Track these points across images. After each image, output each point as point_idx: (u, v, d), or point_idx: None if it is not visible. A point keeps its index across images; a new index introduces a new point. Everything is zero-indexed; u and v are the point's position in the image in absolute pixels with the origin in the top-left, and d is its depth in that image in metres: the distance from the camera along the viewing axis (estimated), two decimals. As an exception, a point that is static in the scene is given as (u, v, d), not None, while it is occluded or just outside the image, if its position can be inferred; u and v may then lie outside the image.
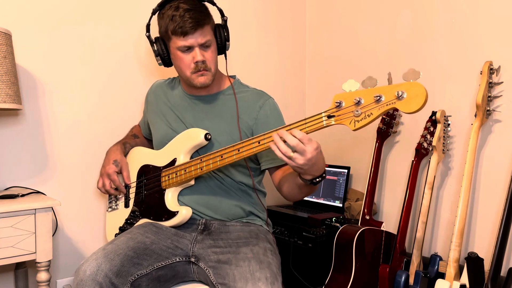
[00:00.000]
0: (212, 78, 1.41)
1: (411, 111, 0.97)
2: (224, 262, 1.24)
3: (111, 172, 1.51)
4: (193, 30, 1.32)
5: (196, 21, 1.31)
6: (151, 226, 1.37)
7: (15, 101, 1.44)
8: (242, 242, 1.32)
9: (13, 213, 1.34)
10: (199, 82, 1.39)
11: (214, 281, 1.22)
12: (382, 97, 1.00)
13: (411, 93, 0.96)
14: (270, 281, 1.15)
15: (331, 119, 1.08)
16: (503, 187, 1.66)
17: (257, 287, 1.13)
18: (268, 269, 1.19)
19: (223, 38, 1.43)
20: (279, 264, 1.29)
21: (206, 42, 1.35)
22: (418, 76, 0.97)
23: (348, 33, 2.25)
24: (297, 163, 1.09)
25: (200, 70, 1.37)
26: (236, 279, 1.16)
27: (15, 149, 1.65)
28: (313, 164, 1.11)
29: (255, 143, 1.19)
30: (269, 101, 1.44)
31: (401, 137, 2.01)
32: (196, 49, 1.35)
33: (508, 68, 1.64)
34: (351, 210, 2.04)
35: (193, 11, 1.32)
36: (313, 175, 1.16)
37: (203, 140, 1.36)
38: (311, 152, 1.08)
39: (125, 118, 1.86)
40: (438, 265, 1.65)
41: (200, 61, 1.36)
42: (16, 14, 1.63)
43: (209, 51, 1.38)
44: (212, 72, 1.39)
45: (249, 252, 1.25)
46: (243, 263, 1.21)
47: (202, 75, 1.38)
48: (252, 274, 1.16)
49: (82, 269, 1.17)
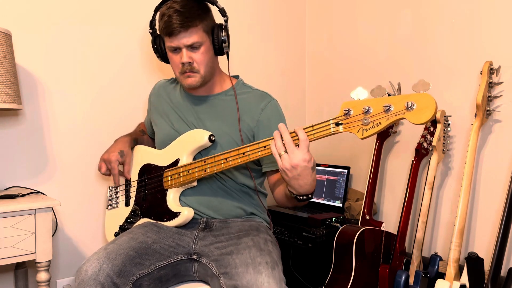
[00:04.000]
0: (201, 80, 1.39)
1: (419, 122, 0.97)
2: (226, 254, 1.25)
3: (113, 159, 1.48)
4: (176, 32, 1.31)
5: (181, 23, 1.29)
6: (152, 226, 1.37)
7: (15, 101, 1.44)
8: (242, 234, 1.33)
9: (13, 213, 1.34)
10: (186, 83, 1.39)
11: (216, 272, 1.22)
12: (392, 107, 1.00)
13: (420, 104, 0.97)
14: (271, 265, 1.16)
15: (339, 126, 1.08)
16: (503, 187, 1.66)
17: (257, 270, 1.13)
18: (269, 255, 1.20)
19: (220, 40, 1.39)
20: (279, 255, 1.30)
21: (193, 43, 1.33)
22: (428, 87, 0.97)
23: (348, 33, 2.25)
24: (283, 164, 1.10)
25: (186, 72, 1.36)
26: (237, 265, 1.17)
27: (15, 149, 1.65)
28: (298, 176, 1.10)
29: (261, 148, 1.18)
30: (272, 103, 1.43)
31: (401, 137, 2.01)
32: (183, 50, 1.34)
33: (508, 68, 1.64)
34: (351, 210, 2.04)
35: (181, 11, 1.30)
36: (297, 190, 1.15)
37: (207, 142, 1.36)
38: (299, 159, 1.08)
39: (125, 118, 1.86)
40: (438, 265, 1.65)
41: (186, 63, 1.35)
42: (16, 14, 1.63)
43: (198, 52, 1.35)
44: (201, 74, 1.37)
45: (249, 241, 1.26)
46: (244, 251, 1.22)
47: (189, 77, 1.37)
48: (252, 260, 1.17)
49: (83, 269, 1.17)
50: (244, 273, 1.14)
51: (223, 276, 1.19)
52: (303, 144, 1.09)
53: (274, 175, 1.41)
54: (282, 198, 1.33)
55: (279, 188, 1.35)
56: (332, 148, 2.31)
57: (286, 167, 1.10)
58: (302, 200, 1.19)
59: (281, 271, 1.19)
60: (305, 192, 1.16)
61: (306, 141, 1.09)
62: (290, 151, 1.09)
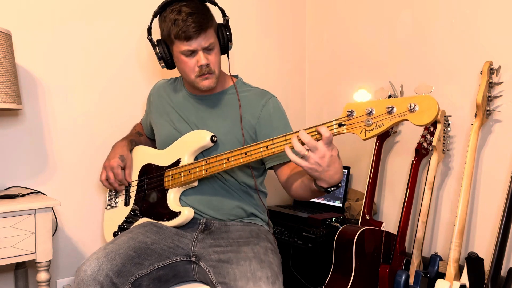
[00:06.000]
0: (216, 81, 1.40)
1: (422, 123, 0.97)
2: (225, 261, 1.24)
3: (115, 165, 1.49)
4: (196, 35, 1.31)
5: (199, 25, 1.30)
6: (152, 226, 1.37)
7: (15, 101, 1.44)
8: (243, 242, 1.32)
9: (13, 213, 1.34)
10: (203, 85, 1.38)
11: (214, 280, 1.22)
12: (394, 109, 1.00)
13: (423, 106, 0.97)
14: (271, 280, 1.15)
15: (342, 127, 1.08)
16: (503, 187, 1.66)
17: (258, 286, 1.13)
18: (269, 268, 1.19)
19: (226, 39, 1.42)
20: (280, 264, 1.29)
21: (210, 45, 1.34)
22: (430, 89, 0.99)
23: (348, 33, 2.25)
24: (309, 163, 1.07)
25: (205, 74, 1.36)
26: (237, 278, 1.16)
27: (15, 149, 1.65)
28: (327, 167, 1.07)
29: (263, 147, 1.18)
30: (272, 99, 1.43)
31: (401, 137, 2.01)
32: (200, 52, 1.33)
33: (508, 68, 1.64)
34: (351, 210, 2.04)
35: (196, 14, 1.30)
36: (328, 182, 1.11)
37: (209, 142, 1.36)
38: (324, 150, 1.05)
39: (125, 118, 1.86)
40: (438, 265, 1.65)
41: (204, 65, 1.35)
42: (16, 14, 1.63)
43: (212, 53, 1.36)
44: (216, 75, 1.38)
45: (250, 252, 1.25)
46: (244, 262, 1.21)
47: (207, 79, 1.37)
48: (253, 274, 1.16)
49: (83, 269, 1.17)
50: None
51: (221, 286, 1.18)
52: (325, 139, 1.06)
53: (283, 169, 1.38)
54: (304, 193, 1.27)
55: (296, 182, 1.30)
56: (332, 148, 2.30)
57: (315, 163, 1.06)
58: (332, 191, 1.16)
59: (281, 285, 1.18)
60: (335, 182, 1.13)
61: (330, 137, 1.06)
62: (312, 146, 1.06)
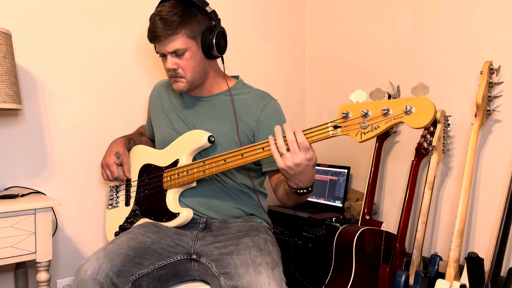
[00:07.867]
0: (188, 85, 1.39)
1: (418, 126, 0.97)
2: (226, 254, 1.25)
3: (111, 163, 1.50)
4: (158, 39, 1.32)
5: (162, 30, 1.29)
6: (152, 226, 1.37)
7: (15, 101, 1.44)
8: (242, 234, 1.33)
9: (13, 213, 1.34)
10: (174, 87, 1.40)
11: (216, 272, 1.22)
12: (390, 111, 1.00)
13: (419, 108, 0.96)
14: (271, 266, 1.16)
15: (338, 129, 1.07)
16: (503, 187, 1.66)
17: (258, 271, 1.13)
18: (269, 256, 1.20)
19: (207, 43, 1.35)
20: (279, 255, 1.30)
21: (176, 51, 1.32)
22: (427, 91, 0.97)
23: (348, 33, 2.25)
24: (284, 163, 1.09)
25: (172, 77, 1.37)
26: (237, 266, 1.17)
27: (15, 149, 1.65)
28: (299, 173, 1.11)
29: (259, 149, 1.18)
30: (271, 103, 1.43)
31: (401, 137, 2.01)
32: (168, 56, 1.34)
33: (508, 68, 1.64)
34: (351, 210, 2.04)
35: (164, 19, 1.29)
36: (297, 184, 1.15)
37: (206, 143, 1.36)
38: (302, 158, 1.08)
39: (126, 118, 1.86)
40: (438, 265, 1.65)
41: (171, 69, 1.35)
42: (16, 14, 1.63)
43: (183, 58, 1.34)
44: (187, 79, 1.37)
45: (249, 242, 1.26)
46: (244, 251, 1.22)
47: (176, 82, 1.38)
48: (253, 260, 1.17)
49: (83, 269, 1.17)
50: (245, 274, 1.14)
51: (223, 276, 1.19)
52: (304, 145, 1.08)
53: (275, 176, 1.40)
54: (283, 196, 1.32)
55: (280, 187, 1.34)
56: (332, 148, 2.31)
57: (288, 166, 1.09)
58: (302, 194, 1.19)
59: (281, 272, 1.19)
60: (305, 185, 1.16)
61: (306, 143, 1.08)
62: (293, 150, 1.08)
